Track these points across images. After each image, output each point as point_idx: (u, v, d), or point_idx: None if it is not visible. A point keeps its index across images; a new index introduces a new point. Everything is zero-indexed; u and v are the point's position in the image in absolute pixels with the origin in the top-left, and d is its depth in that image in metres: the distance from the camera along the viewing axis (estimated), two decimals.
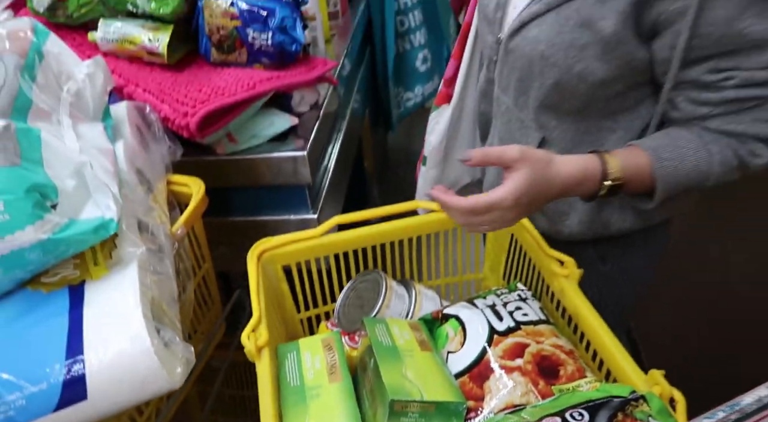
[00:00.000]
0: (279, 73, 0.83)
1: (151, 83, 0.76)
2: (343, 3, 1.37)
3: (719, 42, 0.53)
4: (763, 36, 0.52)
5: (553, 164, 0.56)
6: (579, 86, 0.60)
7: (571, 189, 0.58)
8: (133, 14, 0.80)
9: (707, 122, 0.58)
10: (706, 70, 0.55)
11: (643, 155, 0.59)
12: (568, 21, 0.57)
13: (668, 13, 0.53)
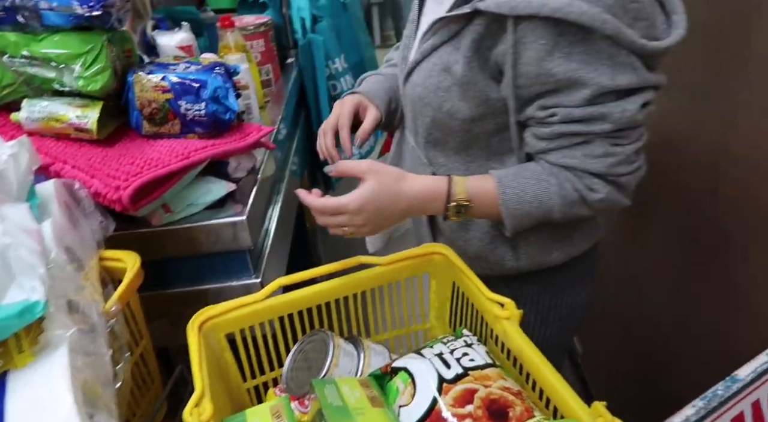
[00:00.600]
0: (214, 141, 0.84)
1: (80, 159, 0.75)
2: (275, 71, 1.42)
3: (538, 80, 0.59)
4: (570, 76, 0.57)
5: (403, 180, 0.65)
6: (451, 123, 0.68)
7: (420, 205, 0.66)
8: (59, 92, 0.80)
9: (547, 156, 0.64)
10: (538, 107, 0.62)
11: (491, 181, 0.65)
12: (435, 67, 0.66)
13: (499, 55, 0.60)
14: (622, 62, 0.57)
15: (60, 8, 0.75)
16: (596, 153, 0.61)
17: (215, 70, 0.85)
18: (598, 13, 0.53)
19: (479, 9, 0.58)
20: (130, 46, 0.87)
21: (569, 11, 0.53)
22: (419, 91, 0.70)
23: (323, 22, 1.62)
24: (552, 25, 0.55)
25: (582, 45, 0.56)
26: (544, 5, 0.54)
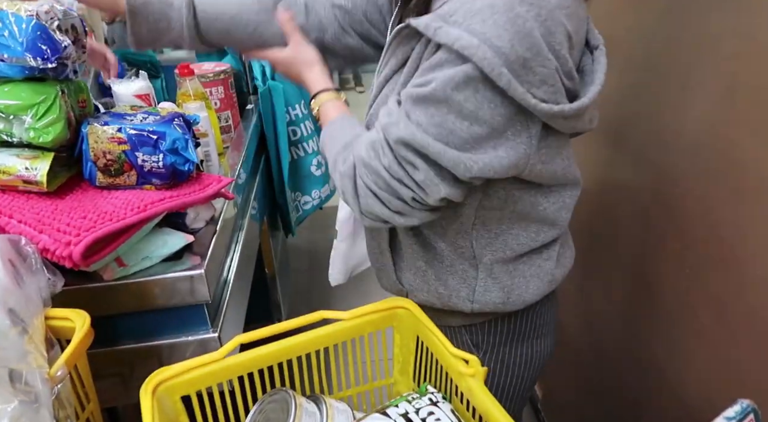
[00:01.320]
0: (171, 192, 0.82)
1: (28, 213, 0.71)
2: (234, 117, 1.41)
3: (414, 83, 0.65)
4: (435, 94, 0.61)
5: (307, 69, 0.82)
6: None
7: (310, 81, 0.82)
8: (7, 143, 0.77)
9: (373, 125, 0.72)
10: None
11: (341, 115, 0.78)
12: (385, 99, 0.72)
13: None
14: (500, 103, 0.59)
15: (12, 59, 0.73)
16: (373, 147, 0.66)
17: (174, 121, 0.84)
18: (498, 64, 0.55)
19: (409, 25, 0.63)
20: (85, 95, 0.85)
21: (474, 52, 0.55)
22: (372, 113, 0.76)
23: None
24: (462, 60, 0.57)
25: (469, 87, 0.59)
26: (458, 39, 0.56)
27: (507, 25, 0.55)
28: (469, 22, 0.56)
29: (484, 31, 0.55)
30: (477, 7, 0.56)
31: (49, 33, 0.74)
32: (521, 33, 0.55)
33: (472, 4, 0.57)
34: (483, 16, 0.55)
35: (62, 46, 0.75)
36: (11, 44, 0.72)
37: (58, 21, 0.77)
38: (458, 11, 0.57)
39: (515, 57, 0.55)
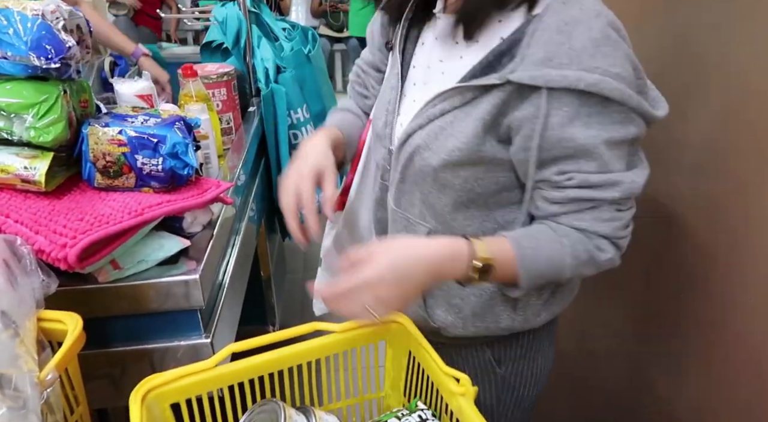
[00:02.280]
0: (170, 196, 0.82)
1: (25, 213, 0.71)
2: (236, 120, 1.41)
3: (559, 145, 0.62)
4: (588, 142, 0.61)
5: (416, 242, 0.66)
6: (454, 182, 0.69)
7: (439, 267, 0.62)
8: (7, 141, 0.77)
9: (558, 219, 0.67)
10: (555, 171, 0.64)
11: (505, 242, 0.66)
12: (443, 130, 0.67)
13: (517, 119, 0.62)
14: (631, 119, 0.63)
15: (15, 58, 0.73)
16: (604, 217, 0.65)
17: (175, 124, 0.84)
18: (624, 88, 0.59)
19: (511, 81, 0.61)
20: (87, 96, 0.85)
21: (603, 87, 0.58)
22: (421, 153, 0.69)
23: (287, 73, 1.64)
24: (577, 95, 0.59)
25: (600, 113, 0.61)
26: (579, 80, 0.58)
27: (613, 53, 0.59)
28: (578, 61, 0.58)
29: (599, 65, 0.58)
30: (578, 45, 0.58)
31: (54, 33, 0.74)
32: (624, 55, 0.60)
33: (570, 44, 0.58)
34: (589, 52, 0.58)
35: (66, 47, 0.75)
36: (15, 43, 0.72)
37: (63, 21, 0.77)
38: (557, 54, 0.59)
39: (631, 77, 0.60)
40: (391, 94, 0.77)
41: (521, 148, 0.64)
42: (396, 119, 0.76)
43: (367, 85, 0.91)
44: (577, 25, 0.59)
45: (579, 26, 0.59)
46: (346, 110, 0.93)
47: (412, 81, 0.76)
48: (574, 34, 0.59)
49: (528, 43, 0.61)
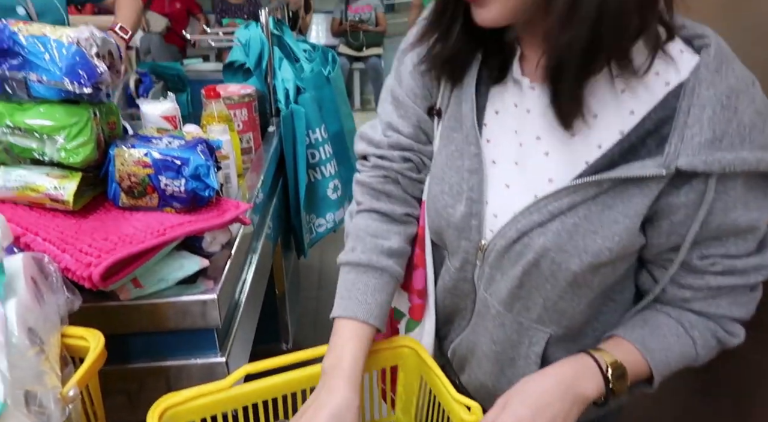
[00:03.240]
0: (191, 217, 0.84)
1: (53, 231, 0.74)
2: (255, 139, 1.45)
3: (717, 229, 0.55)
4: (748, 225, 0.54)
5: (535, 376, 0.59)
6: (594, 281, 0.60)
7: (572, 387, 0.57)
8: (38, 162, 0.80)
9: (688, 304, 0.60)
10: (697, 255, 0.57)
11: (628, 345, 0.60)
12: (577, 228, 0.56)
13: (672, 205, 0.54)
14: None
15: (50, 82, 0.76)
16: (741, 301, 0.59)
17: (198, 147, 0.87)
18: None
19: (680, 169, 0.51)
20: (114, 118, 0.88)
21: None
22: (552, 256, 0.58)
23: (306, 94, 1.67)
24: (746, 175, 0.52)
25: (755, 191, 0.54)
26: (761, 161, 0.51)
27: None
28: (751, 140, 0.51)
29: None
30: (746, 120, 0.51)
31: (88, 59, 0.77)
32: None
33: (738, 119, 0.51)
34: (759, 127, 0.51)
35: (98, 72, 0.78)
36: (51, 68, 0.76)
37: (96, 47, 0.80)
38: (726, 134, 0.51)
39: None
40: (471, 179, 0.63)
41: (666, 233, 0.56)
42: (485, 208, 0.63)
43: (420, 167, 0.72)
44: (740, 96, 0.51)
45: (743, 98, 0.51)
46: (367, 267, 0.70)
47: (490, 159, 0.63)
48: (740, 108, 0.50)
49: (685, 122, 0.51)
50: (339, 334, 0.67)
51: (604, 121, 0.55)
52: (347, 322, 0.67)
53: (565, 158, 0.57)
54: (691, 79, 0.51)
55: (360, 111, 4.93)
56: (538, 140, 0.59)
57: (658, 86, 0.53)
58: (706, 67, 0.51)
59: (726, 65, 0.51)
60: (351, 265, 0.71)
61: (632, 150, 0.54)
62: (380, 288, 0.69)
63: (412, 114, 0.69)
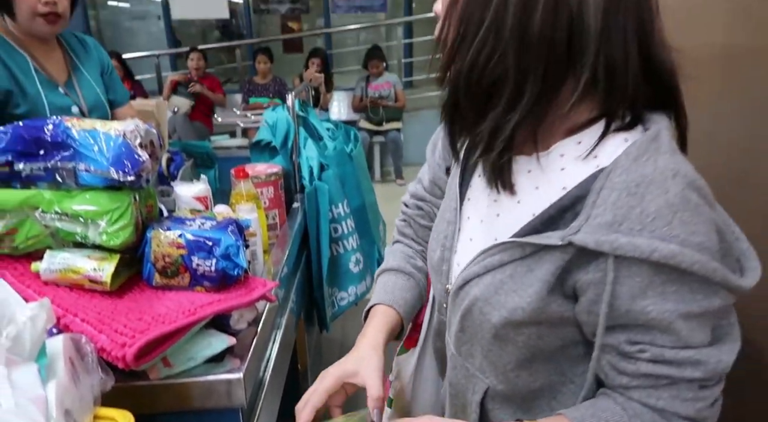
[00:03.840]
0: (220, 295, 0.87)
1: (90, 312, 0.77)
2: (281, 215, 1.50)
3: (628, 316, 0.55)
4: (662, 317, 0.53)
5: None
6: (517, 339, 0.63)
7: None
8: (80, 245, 0.85)
9: (629, 392, 0.59)
10: (625, 340, 0.57)
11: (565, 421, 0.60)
12: (503, 285, 0.61)
13: (582, 281, 0.57)
14: (715, 291, 0.55)
15: (97, 171, 0.82)
16: (685, 396, 0.56)
17: (228, 227, 0.91)
18: (707, 260, 0.51)
19: (573, 243, 0.54)
20: (152, 201, 0.94)
21: (681, 260, 0.51)
22: (480, 306, 0.63)
23: (330, 171, 1.74)
24: (650, 264, 0.52)
25: (676, 284, 0.53)
26: (654, 251, 0.51)
27: (694, 219, 0.52)
28: (652, 229, 0.51)
29: (677, 234, 0.51)
30: (652, 209, 0.51)
31: (132, 150, 0.84)
32: (707, 220, 0.53)
33: (642, 207, 0.52)
34: (666, 218, 0.51)
35: (141, 161, 0.84)
36: (98, 158, 0.82)
37: (140, 138, 0.87)
38: (627, 218, 0.52)
39: (715, 245, 0.53)
40: (448, 229, 0.72)
41: (586, 311, 0.58)
42: (453, 257, 0.71)
43: (431, 216, 0.84)
44: (651, 186, 0.52)
45: (652, 188, 0.52)
46: (396, 271, 0.85)
47: (467, 214, 0.71)
48: (647, 197, 0.52)
49: (594, 202, 0.54)
50: (367, 320, 0.81)
51: (544, 193, 0.61)
52: (375, 309, 0.82)
53: (509, 221, 0.64)
54: (611, 165, 0.55)
55: (380, 182, 5.04)
56: (495, 202, 0.66)
57: (590, 168, 0.58)
58: (627, 155, 0.54)
59: (648, 156, 0.53)
60: (384, 271, 0.87)
61: (552, 221, 0.59)
62: (406, 288, 0.84)
63: (433, 171, 0.84)
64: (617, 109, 0.57)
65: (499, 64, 0.55)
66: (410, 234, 0.89)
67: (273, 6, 6.03)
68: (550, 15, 0.52)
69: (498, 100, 0.56)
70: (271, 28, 7.15)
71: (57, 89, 1.37)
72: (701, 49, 0.85)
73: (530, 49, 0.53)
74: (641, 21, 0.55)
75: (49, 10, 1.29)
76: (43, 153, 0.84)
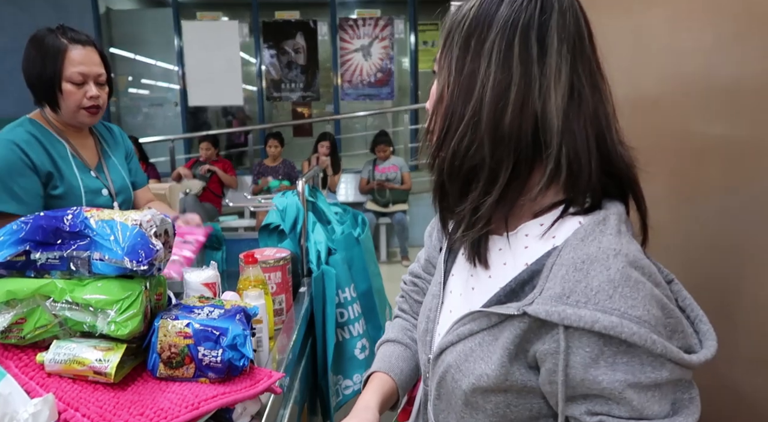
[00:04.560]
0: (224, 387, 0.85)
1: (92, 407, 0.75)
2: (287, 301, 1.49)
3: (583, 385, 0.58)
4: (613, 386, 0.56)
5: None
6: (486, 406, 0.66)
7: None
8: (88, 334, 0.84)
9: None
10: (585, 410, 0.59)
11: None
12: (472, 352, 0.65)
13: (540, 352, 0.60)
14: (662, 363, 0.57)
15: (111, 260, 0.84)
16: None
17: (237, 316, 0.91)
18: (646, 333, 0.55)
19: (527, 313, 0.59)
20: (162, 289, 0.95)
21: (621, 331, 0.55)
22: (452, 373, 0.68)
23: (337, 255, 1.75)
24: (599, 335, 0.56)
25: (626, 356, 0.56)
26: (595, 322, 0.55)
27: (634, 294, 0.56)
28: (595, 301, 0.56)
29: (617, 307, 0.55)
30: (595, 284, 0.56)
31: (147, 239, 0.86)
32: (647, 296, 0.57)
33: (587, 282, 0.57)
34: (607, 292, 0.56)
35: (155, 250, 0.86)
36: (114, 248, 0.84)
37: (155, 227, 0.89)
38: (574, 291, 0.57)
39: (656, 320, 0.56)
40: (432, 302, 0.78)
41: (548, 381, 0.61)
42: (435, 328, 0.76)
43: (425, 291, 0.90)
44: (594, 263, 0.57)
45: (596, 265, 0.57)
46: (395, 342, 0.92)
47: (450, 288, 0.77)
48: (591, 273, 0.57)
49: (547, 276, 0.60)
50: (365, 387, 0.86)
51: (510, 268, 0.67)
52: (372, 376, 0.87)
53: (481, 294, 0.69)
54: (562, 244, 0.62)
55: (386, 263, 5.04)
56: (471, 277, 0.72)
57: (547, 246, 0.64)
58: (575, 235, 0.61)
59: (593, 237, 0.60)
60: (383, 342, 0.93)
61: (513, 293, 0.64)
62: (403, 357, 0.90)
63: (428, 251, 0.92)
64: (578, 196, 0.64)
65: (477, 153, 0.63)
66: (407, 310, 0.97)
67: (285, 94, 6.34)
68: (517, 114, 0.61)
69: (476, 184, 0.65)
70: (283, 113, 7.48)
71: (90, 173, 1.49)
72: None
73: (502, 142, 0.62)
74: (598, 122, 0.63)
75: (92, 104, 1.43)
76: (60, 242, 0.86)
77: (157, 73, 6.61)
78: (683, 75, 0.90)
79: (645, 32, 1.00)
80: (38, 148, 1.39)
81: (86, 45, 1.43)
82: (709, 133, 0.85)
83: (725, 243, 0.83)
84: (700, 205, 0.89)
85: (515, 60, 0.61)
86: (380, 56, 6.20)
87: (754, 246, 0.76)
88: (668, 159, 0.94)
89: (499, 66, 0.62)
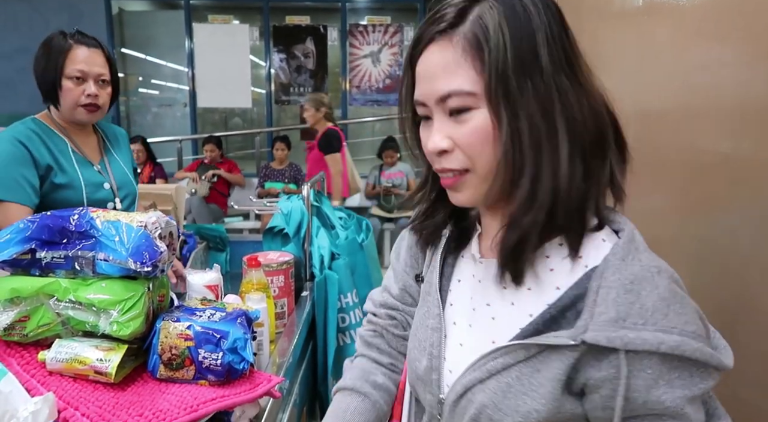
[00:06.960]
0: (223, 390, 0.85)
1: (92, 406, 0.76)
2: (289, 304, 1.49)
3: (645, 407, 0.57)
4: (675, 404, 0.57)
5: None
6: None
7: None
8: (90, 334, 0.85)
9: None
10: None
11: None
12: (510, 388, 0.62)
13: (595, 379, 0.59)
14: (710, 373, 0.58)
15: (115, 261, 0.84)
16: None
17: (238, 319, 0.91)
18: (703, 347, 0.56)
19: (586, 342, 0.57)
20: (165, 290, 0.95)
21: (684, 349, 0.55)
22: (489, 413, 0.63)
23: (340, 260, 1.76)
24: (659, 356, 0.56)
25: (677, 371, 0.57)
26: (661, 343, 0.55)
27: (684, 310, 0.57)
28: (653, 322, 0.56)
29: (675, 325, 0.56)
30: (649, 304, 0.57)
31: (152, 241, 0.86)
32: (693, 309, 0.58)
33: (640, 303, 0.57)
34: (662, 311, 0.56)
35: (159, 252, 0.86)
36: (118, 248, 0.85)
37: (160, 229, 0.90)
38: (630, 314, 0.57)
39: (704, 332, 0.58)
40: (432, 337, 0.71)
41: (601, 407, 0.60)
42: (443, 364, 0.70)
43: (404, 325, 0.83)
44: (642, 283, 0.57)
45: (645, 284, 0.57)
46: (352, 391, 0.81)
47: (452, 320, 0.72)
48: (642, 293, 0.57)
49: (595, 301, 0.58)
50: None
51: (536, 294, 0.63)
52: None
53: (506, 323, 0.65)
54: (601, 265, 0.59)
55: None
56: (488, 306, 0.68)
57: (579, 268, 0.62)
58: (614, 256, 0.59)
59: (632, 255, 0.59)
60: (339, 390, 0.82)
61: (554, 320, 0.61)
62: (360, 410, 0.79)
63: (401, 279, 0.82)
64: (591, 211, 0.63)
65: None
66: (379, 345, 0.85)
67: (293, 98, 6.37)
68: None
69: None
70: (290, 116, 7.51)
71: (92, 167, 1.53)
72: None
73: None
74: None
75: (90, 102, 1.46)
76: (66, 242, 0.86)
77: (167, 74, 6.66)
78: (690, 91, 0.90)
79: (652, 48, 1.01)
80: (38, 143, 1.43)
81: (92, 47, 1.47)
82: (716, 149, 0.85)
83: (732, 259, 0.83)
84: (705, 221, 0.88)
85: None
86: (389, 63, 6.22)
87: (761, 263, 0.76)
88: (674, 174, 0.94)
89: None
